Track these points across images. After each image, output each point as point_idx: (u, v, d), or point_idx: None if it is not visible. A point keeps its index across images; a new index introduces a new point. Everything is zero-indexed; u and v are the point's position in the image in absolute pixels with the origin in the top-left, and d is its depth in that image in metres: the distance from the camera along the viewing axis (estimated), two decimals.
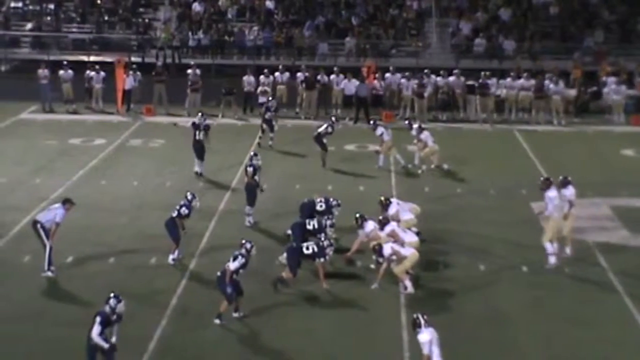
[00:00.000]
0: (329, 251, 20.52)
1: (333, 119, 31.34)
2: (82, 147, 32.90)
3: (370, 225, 21.44)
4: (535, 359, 17.60)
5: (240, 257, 18.67)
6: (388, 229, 21.08)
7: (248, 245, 18.92)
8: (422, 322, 15.69)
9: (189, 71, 38.91)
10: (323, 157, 30.17)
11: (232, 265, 18.55)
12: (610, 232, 24.52)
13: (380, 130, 29.94)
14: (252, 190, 24.36)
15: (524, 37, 46.63)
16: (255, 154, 25.66)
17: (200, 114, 29.82)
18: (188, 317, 18.93)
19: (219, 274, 18.69)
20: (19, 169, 29.87)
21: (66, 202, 21.31)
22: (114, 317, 16.06)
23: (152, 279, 20.92)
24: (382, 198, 22.77)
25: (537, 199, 24.13)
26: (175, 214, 21.79)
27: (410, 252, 20.23)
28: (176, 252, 21.74)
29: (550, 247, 21.68)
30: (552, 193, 21.91)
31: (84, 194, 26.36)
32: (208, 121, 29.50)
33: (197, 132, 28.72)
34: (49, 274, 20.89)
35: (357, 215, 21.77)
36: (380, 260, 20.38)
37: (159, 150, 32.76)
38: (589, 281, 21.12)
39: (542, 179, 22.83)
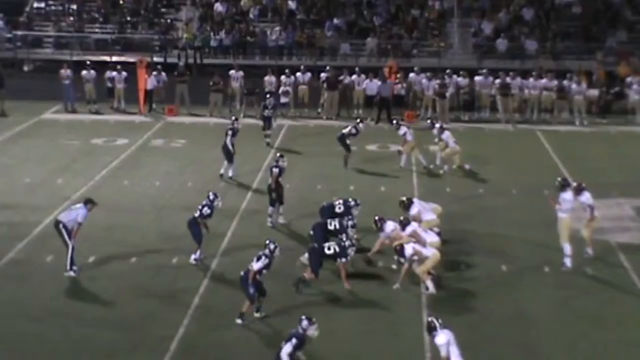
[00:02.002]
0: (351, 251, 20.46)
1: (358, 121, 31.07)
2: (105, 147, 32.99)
3: (391, 226, 21.41)
4: (557, 359, 17.55)
5: (264, 257, 18.67)
6: (409, 229, 21.02)
7: (272, 246, 18.91)
8: (437, 324, 15.66)
9: (231, 72, 38.87)
10: (345, 158, 30.10)
11: (256, 266, 18.56)
12: (633, 232, 24.38)
13: (403, 129, 29.91)
14: (275, 191, 24.35)
15: (546, 37, 46.54)
16: (282, 155, 25.47)
17: (233, 117, 30.06)
18: (210, 317, 18.95)
19: (242, 274, 18.72)
20: (42, 168, 29.99)
21: (88, 202, 21.39)
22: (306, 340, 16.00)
23: (174, 278, 20.94)
24: (404, 198, 22.74)
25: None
26: (197, 214, 21.82)
27: (432, 253, 20.20)
28: (198, 252, 21.77)
29: (568, 249, 21.57)
30: (566, 195, 21.78)
31: (106, 194, 26.46)
32: (236, 125, 29.10)
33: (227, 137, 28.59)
34: (72, 273, 20.95)
35: (376, 218, 21.76)
36: (402, 260, 20.35)
37: (181, 151, 32.77)
38: (611, 282, 21.00)
39: (558, 179, 22.71)
